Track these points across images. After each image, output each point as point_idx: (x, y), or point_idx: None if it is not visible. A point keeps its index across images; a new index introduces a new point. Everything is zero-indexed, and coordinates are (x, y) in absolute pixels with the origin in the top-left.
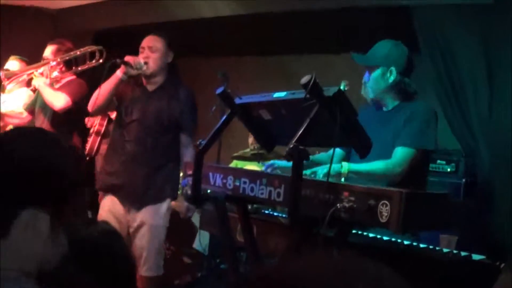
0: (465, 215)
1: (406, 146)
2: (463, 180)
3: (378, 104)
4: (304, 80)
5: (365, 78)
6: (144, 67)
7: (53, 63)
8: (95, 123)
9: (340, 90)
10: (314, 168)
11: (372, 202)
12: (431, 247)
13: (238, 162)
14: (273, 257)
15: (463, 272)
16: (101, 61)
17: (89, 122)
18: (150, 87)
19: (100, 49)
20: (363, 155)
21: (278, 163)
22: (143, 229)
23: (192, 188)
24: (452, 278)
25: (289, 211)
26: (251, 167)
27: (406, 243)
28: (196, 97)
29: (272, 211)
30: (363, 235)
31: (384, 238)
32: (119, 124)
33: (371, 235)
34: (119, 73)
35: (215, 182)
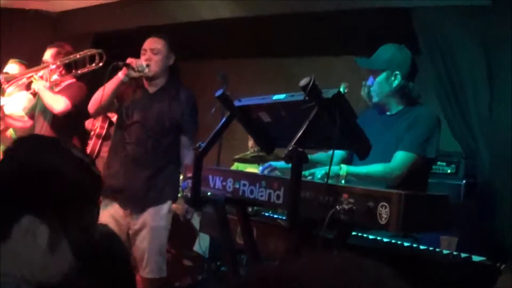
0: (465, 216)
1: (406, 150)
2: (463, 181)
3: (382, 108)
4: (303, 82)
5: (369, 82)
6: (146, 69)
7: (53, 67)
8: (96, 125)
9: (339, 92)
10: (312, 170)
11: (371, 204)
12: (431, 248)
13: (239, 164)
14: (273, 259)
15: (463, 274)
16: (100, 64)
17: (89, 124)
18: (151, 89)
19: (99, 52)
20: (362, 157)
21: (275, 164)
22: (144, 231)
23: (192, 191)
24: (452, 279)
25: (288, 213)
26: (252, 169)
27: (406, 244)
28: (196, 99)
29: (272, 213)
30: (363, 237)
31: (384, 240)
32: (120, 126)
33: (371, 237)
34: (120, 75)
35: (214, 184)
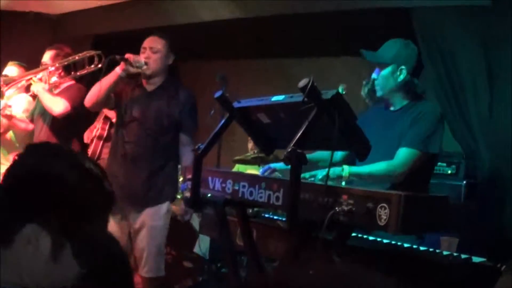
0: (466, 217)
1: (409, 147)
2: (464, 182)
3: (386, 103)
4: (302, 83)
5: (374, 75)
6: (144, 67)
7: (52, 69)
8: (97, 127)
9: (338, 93)
10: (314, 172)
11: (371, 205)
12: (431, 249)
13: (239, 165)
14: (273, 260)
15: (464, 275)
16: (99, 66)
17: (88, 138)
18: (150, 88)
19: (98, 54)
20: (362, 158)
21: (274, 166)
22: (143, 230)
23: (191, 192)
24: (452, 280)
25: (287, 214)
26: (252, 171)
27: (406, 245)
28: (196, 100)
29: (272, 214)
30: (363, 238)
31: (384, 241)
32: (119, 125)
33: (371, 238)
34: (118, 70)
35: (214, 186)
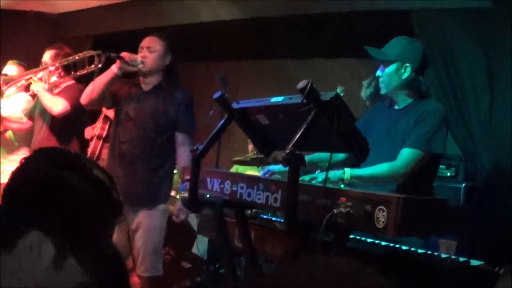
0: (464, 219)
1: (412, 147)
2: (463, 184)
3: (390, 101)
4: (301, 85)
5: (378, 72)
6: (140, 65)
7: (52, 68)
8: (96, 127)
9: (337, 94)
10: (314, 174)
11: (369, 208)
12: (429, 252)
13: (238, 166)
14: (271, 262)
15: (462, 278)
16: (100, 66)
17: (88, 134)
18: (146, 87)
19: (98, 54)
20: (361, 160)
21: (273, 168)
22: (140, 231)
23: (190, 193)
24: (450, 283)
25: (285, 216)
26: (252, 172)
27: (404, 248)
28: (196, 101)
29: (271, 216)
30: (361, 240)
31: (382, 243)
32: (115, 124)
33: (369, 240)
34: (114, 68)
35: (212, 187)
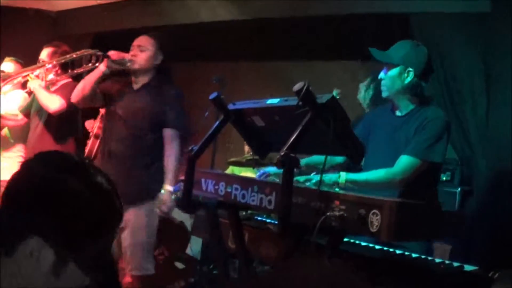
0: (460, 224)
1: (411, 155)
2: (459, 189)
3: (392, 106)
4: (297, 87)
5: (381, 74)
6: (128, 64)
7: (49, 66)
8: (94, 126)
9: (333, 97)
10: (309, 176)
11: (363, 212)
12: (423, 257)
13: (234, 168)
14: (265, 264)
15: (455, 283)
16: (97, 64)
17: (89, 124)
18: (136, 86)
19: (96, 52)
20: (356, 162)
21: (269, 170)
22: (127, 229)
23: (184, 194)
24: None
25: (279, 218)
26: (247, 173)
27: (398, 252)
28: (194, 101)
29: (266, 217)
30: (355, 243)
31: (376, 247)
32: (106, 122)
33: (363, 243)
34: (101, 67)
35: (207, 188)
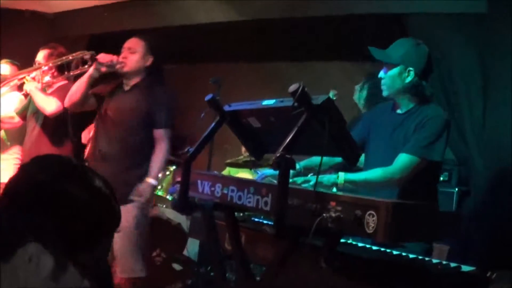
0: (457, 225)
1: (409, 153)
2: (456, 189)
3: (393, 103)
4: (292, 88)
5: (381, 73)
6: (117, 66)
7: (45, 68)
8: (92, 130)
9: (329, 98)
10: (308, 177)
11: (359, 213)
12: (420, 257)
13: (231, 169)
14: (261, 265)
15: (453, 283)
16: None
17: (85, 138)
18: (127, 87)
19: (92, 54)
20: (352, 164)
21: (267, 172)
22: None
23: (180, 196)
24: None
25: (275, 220)
26: (244, 174)
27: (395, 253)
28: (192, 103)
29: (263, 219)
30: (352, 244)
31: (373, 248)
32: (96, 123)
33: (360, 244)
34: (90, 70)
35: (203, 189)
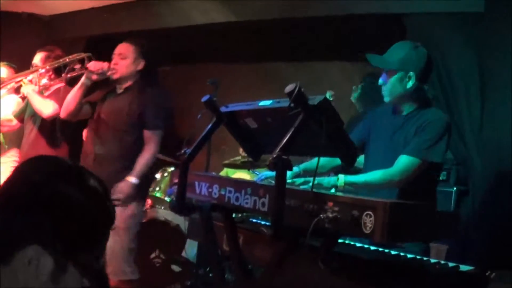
0: (456, 225)
1: (409, 155)
2: (454, 188)
3: (394, 107)
4: (288, 88)
5: (380, 80)
6: (108, 73)
7: (42, 71)
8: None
9: (325, 98)
10: (307, 178)
11: (356, 213)
12: (418, 257)
13: (228, 170)
14: (259, 266)
15: (451, 283)
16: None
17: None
18: (118, 90)
19: (89, 56)
20: (349, 165)
21: (266, 174)
22: None
23: (177, 197)
24: None
25: (272, 221)
26: (242, 174)
27: (393, 253)
28: (190, 104)
29: (261, 219)
30: (350, 244)
31: (371, 248)
32: (90, 126)
33: (358, 244)
34: (82, 79)
35: (200, 191)
